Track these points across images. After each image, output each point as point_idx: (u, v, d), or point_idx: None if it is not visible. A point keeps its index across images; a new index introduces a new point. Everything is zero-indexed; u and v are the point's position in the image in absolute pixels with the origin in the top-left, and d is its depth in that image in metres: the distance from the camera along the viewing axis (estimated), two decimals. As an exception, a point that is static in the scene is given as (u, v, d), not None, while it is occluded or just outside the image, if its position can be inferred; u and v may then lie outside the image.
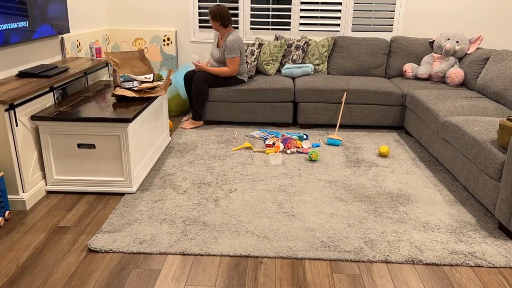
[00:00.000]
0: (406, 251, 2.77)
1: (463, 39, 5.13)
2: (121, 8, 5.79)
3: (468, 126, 3.51)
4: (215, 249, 2.75)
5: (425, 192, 3.56)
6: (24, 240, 2.84)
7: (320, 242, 2.85)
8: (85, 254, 2.70)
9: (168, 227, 2.99)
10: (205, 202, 3.34)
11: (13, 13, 3.51)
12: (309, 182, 3.72)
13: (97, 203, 3.32)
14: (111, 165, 3.41)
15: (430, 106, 4.23)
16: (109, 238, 2.85)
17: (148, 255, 2.70)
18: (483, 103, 4.17)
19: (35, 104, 3.33)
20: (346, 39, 5.52)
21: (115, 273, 2.53)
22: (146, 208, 3.23)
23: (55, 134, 3.33)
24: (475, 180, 3.28)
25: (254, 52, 5.33)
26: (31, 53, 3.97)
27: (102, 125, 3.29)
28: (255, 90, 4.94)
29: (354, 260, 2.68)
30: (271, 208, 3.27)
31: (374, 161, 4.17)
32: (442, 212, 3.26)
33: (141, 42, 5.80)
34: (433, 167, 4.06)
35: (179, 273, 2.54)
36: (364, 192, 3.54)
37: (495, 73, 4.43)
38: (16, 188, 3.17)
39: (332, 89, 4.93)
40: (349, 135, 4.92)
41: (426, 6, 5.68)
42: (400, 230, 3.01)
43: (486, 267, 2.65)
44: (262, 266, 2.62)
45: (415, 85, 5.06)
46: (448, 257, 2.72)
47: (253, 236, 2.89)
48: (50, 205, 3.29)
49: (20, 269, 2.56)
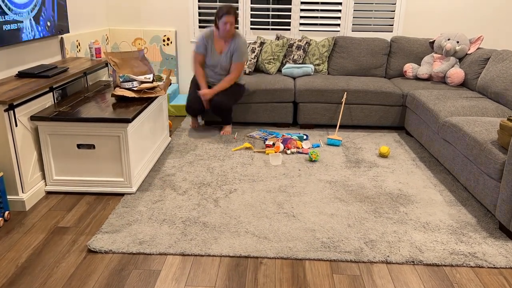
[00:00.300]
0: (406, 251, 2.76)
1: (464, 39, 5.12)
2: (120, 8, 5.79)
3: (468, 126, 3.50)
4: (215, 249, 2.74)
5: (426, 193, 3.56)
6: (24, 240, 2.83)
7: (320, 242, 2.84)
8: (85, 254, 2.70)
9: (168, 227, 2.98)
10: (205, 202, 3.33)
11: (12, 13, 3.50)
12: (309, 182, 3.71)
13: (96, 204, 3.32)
14: (110, 166, 3.40)
15: (430, 106, 4.22)
16: (109, 238, 2.84)
17: (148, 256, 2.69)
18: (484, 104, 4.16)
19: (35, 104, 3.33)
20: (346, 39, 5.51)
21: (115, 273, 2.53)
22: (146, 209, 3.23)
23: (55, 134, 3.32)
24: (476, 181, 3.28)
25: (254, 50, 5.32)
26: (30, 53, 3.96)
27: (101, 125, 3.28)
28: (256, 90, 4.93)
29: (354, 261, 2.68)
30: (271, 208, 3.26)
31: (375, 162, 4.16)
32: (443, 213, 3.25)
33: (141, 42, 5.79)
34: (433, 167, 4.06)
35: (179, 274, 2.53)
36: (364, 193, 3.54)
37: (496, 73, 4.42)
38: (15, 188, 3.16)
39: (332, 89, 4.92)
40: (349, 135, 4.92)
41: (427, 6, 5.67)
42: (400, 230, 3.00)
43: (486, 268, 2.64)
44: (262, 266, 2.61)
45: (416, 85, 5.05)
46: (448, 258, 2.71)
47: (253, 237, 2.89)
48: (49, 206, 3.28)
49: (19, 269, 2.55)
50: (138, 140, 3.57)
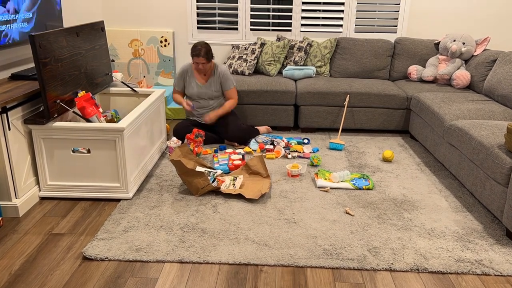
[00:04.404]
0: (411, 259, 2.75)
1: (470, 40, 5.09)
2: (116, 8, 5.76)
3: (474, 130, 3.48)
4: (213, 257, 2.73)
5: (431, 198, 3.54)
6: (17, 247, 2.82)
7: (322, 249, 2.82)
8: (80, 262, 2.69)
9: (165, 234, 2.97)
10: (203, 208, 3.31)
11: (4, 14, 3.47)
12: (311, 187, 3.68)
13: (92, 210, 3.30)
14: (106, 170, 3.38)
15: (435, 109, 4.20)
16: (105, 245, 2.83)
17: (145, 263, 2.68)
18: (490, 107, 4.14)
19: (28, 107, 3.31)
20: (349, 41, 5.48)
21: (111, 281, 2.51)
22: (142, 215, 3.21)
23: (49, 138, 3.30)
24: (482, 186, 3.25)
25: (255, 51, 5.28)
26: (23, 55, 3.94)
27: (97, 129, 3.26)
28: (256, 91, 4.89)
29: (357, 268, 2.66)
30: (272, 214, 3.24)
31: (378, 166, 4.13)
32: (448, 219, 3.23)
33: (138, 44, 5.75)
34: (438, 172, 4.03)
35: (177, 282, 2.52)
36: (367, 198, 3.52)
37: (503, 75, 4.40)
38: (8, 194, 3.15)
39: (334, 92, 4.88)
40: (352, 139, 4.89)
41: (432, 6, 5.64)
42: (404, 237, 2.98)
43: (493, 276, 2.64)
44: (262, 274, 2.60)
45: (420, 87, 5.02)
46: (454, 265, 2.69)
47: (253, 244, 2.87)
48: (43, 212, 3.27)
49: (13, 277, 2.54)
50: (134, 144, 3.55)
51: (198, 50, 4.24)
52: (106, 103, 4.29)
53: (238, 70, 5.23)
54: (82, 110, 3.38)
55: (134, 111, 3.59)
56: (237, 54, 5.38)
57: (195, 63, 4.32)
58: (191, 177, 3.44)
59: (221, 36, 5.83)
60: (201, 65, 4.31)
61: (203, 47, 4.26)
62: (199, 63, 4.30)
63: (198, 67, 4.33)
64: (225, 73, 4.47)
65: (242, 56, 5.31)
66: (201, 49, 4.24)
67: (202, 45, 4.26)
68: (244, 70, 5.21)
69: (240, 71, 5.23)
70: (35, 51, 2.98)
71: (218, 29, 5.80)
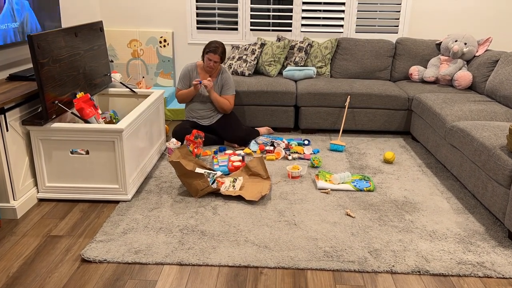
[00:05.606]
0: (412, 261, 2.74)
1: (472, 40, 5.08)
2: (115, 9, 5.75)
3: (476, 131, 3.47)
4: (213, 259, 2.72)
5: (432, 200, 3.52)
6: (15, 249, 2.81)
7: (322, 251, 2.81)
8: (78, 264, 2.68)
9: (164, 236, 2.95)
10: (203, 210, 3.30)
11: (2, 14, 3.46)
12: (311, 189, 3.66)
13: (90, 211, 3.29)
14: (105, 172, 3.36)
15: (437, 110, 4.19)
16: (103, 247, 2.82)
17: (144, 266, 2.67)
18: (492, 107, 4.13)
19: (26, 108, 3.30)
20: (349, 41, 5.46)
21: (110, 284, 2.50)
22: (141, 217, 3.19)
23: (47, 139, 3.29)
24: (484, 188, 3.24)
25: (255, 51, 5.27)
26: (21, 55, 3.94)
27: (96, 131, 3.25)
28: (256, 92, 4.87)
29: (358, 271, 2.66)
30: (272, 216, 3.23)
31: (379, 168, 4.12)
32: (450, 221, 3.22)
33: (137, 44, 5.74)
34: (440, 174, 4.02)
35: (176, 284, 2.51)
36: (368, 200, 3.50)
37: (505, 76, 4.39)
38: (6, 195, 3.14)
39: (335, 93, 4.87)
40: (353, 140, 4.88)
41: (433, 6, 5.63)
42: (406, 239, 2.97)
43: (495, 278, 2.63)
44: (263, 276, 2.59)
45: (422, 88, 5.01)
46: (455, 268, 2.69)
47: (253, 246, 2.86)
48: (42, 213, 3.26)
49: (10, 280, 2.53)
50: (133, 146, 3.54)
51: (215, 47, 4.27)
52: (104, 104, 4.28)
53: (238, 71, 5.22)
54: (80, 111, 3.37)
55: (133, 112, 3.58)
56: (237, 55, 5.36)
57: (208, 60, 4.31)
58: (190, 178, 3.42)
59: (221, 37, 5.81)
60: (213, 63, 4.32)
61: (220, 46, 4.31)
62: (212, 60, 4.31)
63: (209, 64, 4.33)
64: (229, 79, 4.49)
65: (242, 56, 5.29)
66: (218, 47, 4.29)
67: (220, 44, 4.31)
68: (244, 71, 5.19)
69: (240, 71, 5.21)
70: (33, 52, 2.97)
71: (218, 29, 5.79)
